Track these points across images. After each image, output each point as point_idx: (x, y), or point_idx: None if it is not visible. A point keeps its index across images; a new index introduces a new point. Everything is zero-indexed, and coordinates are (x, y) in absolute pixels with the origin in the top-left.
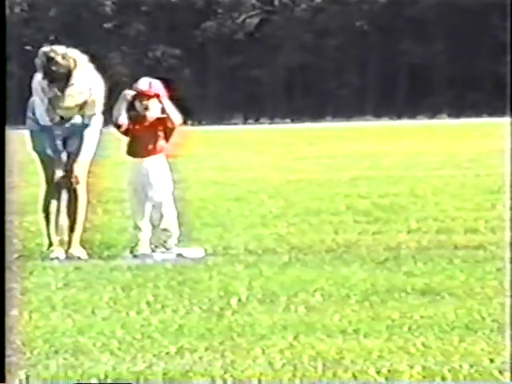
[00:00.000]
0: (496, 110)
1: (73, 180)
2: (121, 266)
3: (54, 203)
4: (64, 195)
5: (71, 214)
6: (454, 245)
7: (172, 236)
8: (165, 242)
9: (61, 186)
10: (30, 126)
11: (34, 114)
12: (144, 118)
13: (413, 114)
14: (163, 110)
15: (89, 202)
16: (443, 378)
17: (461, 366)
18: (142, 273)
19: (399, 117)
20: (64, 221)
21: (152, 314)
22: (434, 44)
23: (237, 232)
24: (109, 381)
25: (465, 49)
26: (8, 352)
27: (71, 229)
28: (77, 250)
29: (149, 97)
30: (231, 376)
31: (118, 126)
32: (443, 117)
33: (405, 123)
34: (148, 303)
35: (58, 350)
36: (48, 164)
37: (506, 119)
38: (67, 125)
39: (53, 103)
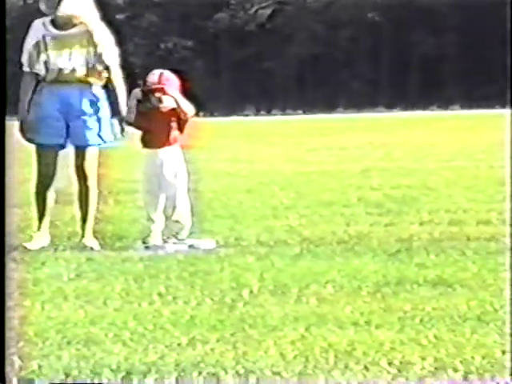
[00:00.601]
0: (508, 102)
1: (85, 173)
2: (133, 257)
3: (50, 196)
4: (75, 187)
5: (83, 205)
6: (467, 236)
7: (184, 227)
8: (177, 233)
9: (64, 179)
10: (26, 84)
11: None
12: (158, 109)
13: (425, 106)
14: (176, 101)
15: (100, 192)
16: (455, 370)
17: (473, 358)
18: (153, 264)
19: (411, 108)
20: (76, 212)
21: (164, 305)
22: (447, 35)
23: (248, 223)
24: (121, 371)
25: (477, 40)
26: (20, 343)
27: (83, 220)
28: (90, 240)
29: (160, 90)
30: (243, 367)
31: (130, 124)
32: (455, 108)
33: (417, 114)
34: (160, 294)
35: (71, 341)
36: (46, 156)
37: None
38: (69, 89)
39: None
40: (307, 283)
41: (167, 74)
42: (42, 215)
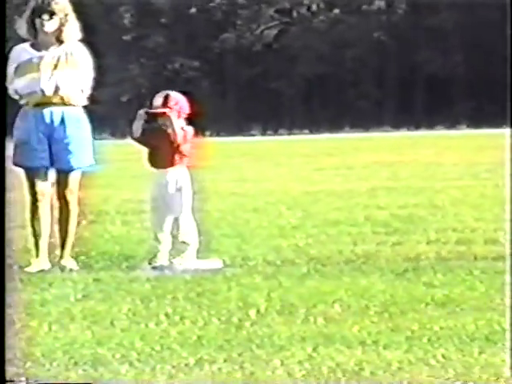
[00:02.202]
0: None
1: (66, 196)
2: (140, 278)
3: (44, 217)
4: (55, 208)
5: (63, 227)
6: (474, 256)
7: (191, 248)
8: (184, 252)
9: (50, 202)
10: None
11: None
12: (163, 130)
13: (431, 125)
14: (171, 125)
15: (79, 214)
16: None
17: (481, 378)
18: (160, 284)
19: (417, 127)
20: (48, 233)
21: (171, 326)
22: (453, 55)
23: (255, 243)
24: None
25: (484, 59)
26: (28, 364)
27: (63, 242)
28: (68, 261)
29: (163, 114)
30: None
31: (137, 141)
32: (462, 127)
33: (423, 134)
34: (167, 314)
35: (78, 362)
36: (34, 179)
37: None
38: (51, 116)
39: (35, 25)
40: (314, 303)
41: (174, 95)
42: (37, 240)
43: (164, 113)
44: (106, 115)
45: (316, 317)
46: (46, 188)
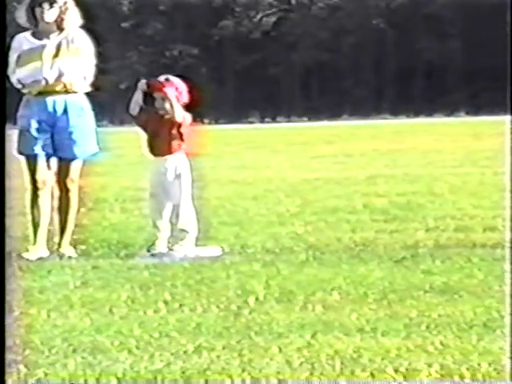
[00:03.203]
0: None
1: (67, 185)
2: (138, 265)
3: (44, 205)
4: (55, 197)
5: (62, 215)
6: (472, 243)
7: (190, 235)
8: (182, 240)
9: (50, 190)
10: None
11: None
12: (160, 115)
13: (430, 112)
14: (171, 104)
15: (80, 201)
16: (461, 377)
17: (479, 365)
18: (159, 272)
19: (416, 115)
20: (55, 221)
21: (169, 313)
22: (451, 42)
23: (254, 231)
24: (127, 379)
25: (482, 46)
26: (26, 351)
27: (62, 230)
28: (67, 249)
29: (160, 88)
30: (249, 374)
31: (133, 117)
32: (460, 114)
33: (422, 121)
34: (165, 302)
35: (77, 349)
36: (36, 167)
37: None
38: (53, 104)
39: (36, 15)
40: (313, 290)
41: (173, 78)
42: (36, 227)
43: (163, 87)
44: (104, 102)
45: (314, 304)
46: (48, 176)
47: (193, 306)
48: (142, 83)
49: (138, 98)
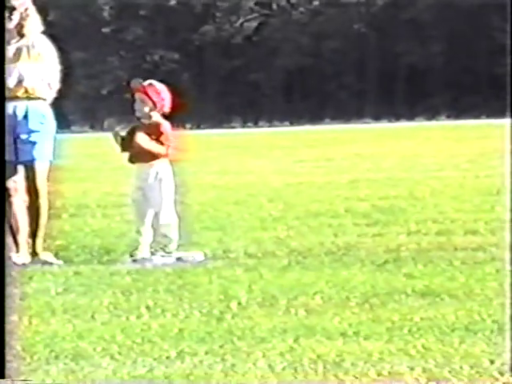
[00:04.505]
0: (494, 112)
1: (35, 190)
2: (120, 271)
3: (20, 212)
4: (25, 203)
5: (33, 221)
6: (454, 246)
7: (172, 241)
8: (165, 246)
9: (21, 197)
10: None
11: None
12: (140, 123)
13: (411, 116)
14: (162, 115)
15: (50, 207)
16: (445, 380)
17: (461, 368)
18: (141, 277)
19: (398, 119)
20: (26, 228)
21: (152, 318)
22: (432, 46)
23: (236, 235)
24: None
25: (463, 50)
26: (8, 357)
27: (34, 235)
28: (45, 254)
29: (141, 90)
30: (232, 379)
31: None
32: (442, 118)
33: (403, 125)
34: (148, 307)
35: (59, 355)
36: (4, 175)
37: (505, 120)
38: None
39: None
40: (295, 294)
41: (158, 85)
42: (15, 235)
43: (144, 90)
44: (85, 108)
45: (297, 308)
46: (18, 183)
47: (175, 312)
48: (116, 132)
49: (117, 138)
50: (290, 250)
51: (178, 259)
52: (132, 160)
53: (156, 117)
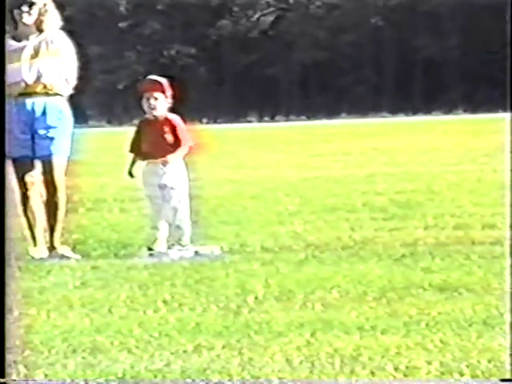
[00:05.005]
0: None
1: (53, 184)
2: (137, 265)
3: (36, 206)
4: (43, 197)
5: (51, 216)
6: (472, 240)
7: (185, 233)
8: (179, 239)
9: (38, 191)
10: None
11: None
12: (150, 119)
13: (428, 110)
14: (171, 109)
15: (68, 202)
16: (461, 374)
17: (479, 362)
18: (158, 271)
19: (415, 113)
20: (43, 222)
21: (169, 313)
22: (449, 39)
23: (253, 230)
24: (127, 378)
25: (480, 44)
26: (26, 352)
27: (52, 229)
28: (62, 248)
29: (154, 96)
30: (249, 373)
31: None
32: (459, 112)
33: (420, 119)
34: (165, 301)
35: (76, 349)
36: (22, 169)
37: None
38: (33, 106)
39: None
40: (312, 289)
41: (161, 80)
42: (32, 229)
43: (151, 87)
44: (102, 103)
45: (314, 303)
46: (35, 177)
47: (192, 306)
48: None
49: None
50: (306, 244)
51: (195, 253)
52: (142, 157)
53: (165, 111)
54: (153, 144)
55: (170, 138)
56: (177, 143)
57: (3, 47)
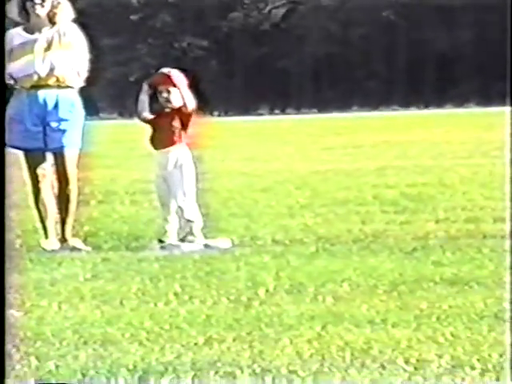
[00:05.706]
0: None
1: (65, 176)
2: (148, 257)
3: (48, 198)
4: (54, 190)
5: (63, 208)
6: (483, 234)
7: (195, 225)
8: (190, 231)
9: (50, 183)
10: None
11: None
12: (166, 110)
13: (440, 103)
14: (181, 92)
15: (79, 194)
16: (472, 368)
17: (490, 356)
18: (169, 264)
19: (426, 106)
20: (55, 214)
21: (180, 305)
22: (461, 32)
23: (264, 222)
24: (138, 370)
25: (492, 37)
26: (38, 343)
27: (63, 221)
28: (74, 241)
29: (167, 89)
30: (259, 366)
31: (142, 120)
32: (471, 105)
33: (432, 112)
34: (176, 294)
35: (87, 341)
36: (33, 161)
37: None
38: (45, 98)
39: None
40: (323, 282)
41: (173, 72)
42: (44, 221)
43: (167, 79)
44: (114, 95)
45: (325, 296)
46: (46, 169)
47: (203, 298)
48: (144, 86)
49: (144, 100)
50: (317, 237)
51: (206, 246)
52: (153, 144)
53: (181, 102)
54: (160, 134)
55: (177, 126)
56: (182, 133)
57: (3, 47)
